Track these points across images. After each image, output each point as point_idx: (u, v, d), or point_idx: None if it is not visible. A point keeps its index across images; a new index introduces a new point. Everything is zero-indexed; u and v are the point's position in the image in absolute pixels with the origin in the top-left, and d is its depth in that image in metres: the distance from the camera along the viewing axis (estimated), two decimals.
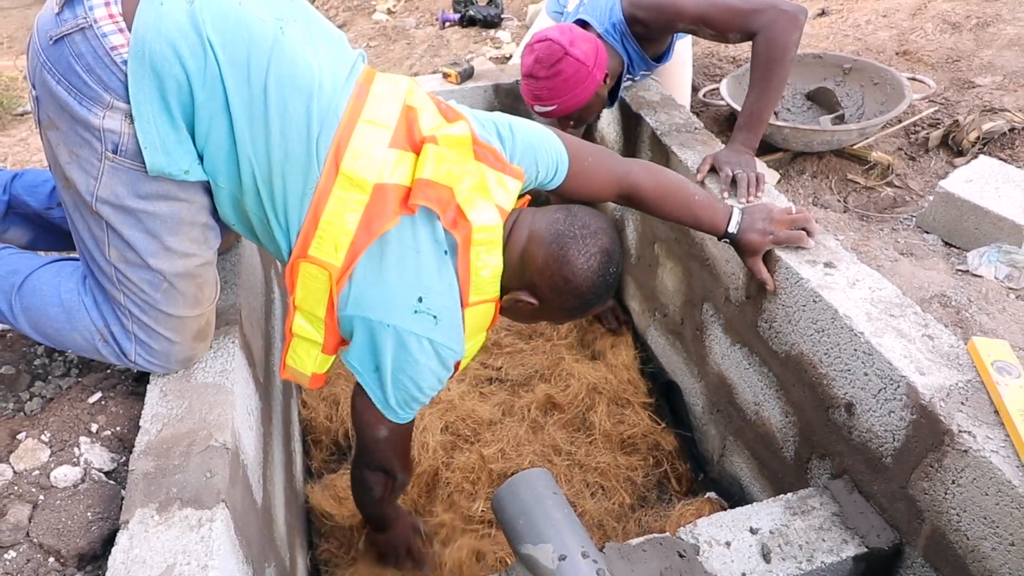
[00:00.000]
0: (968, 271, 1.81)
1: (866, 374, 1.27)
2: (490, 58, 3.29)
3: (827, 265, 1.41)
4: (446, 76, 2.50)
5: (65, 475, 1.13)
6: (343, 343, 1.25)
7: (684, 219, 1.49)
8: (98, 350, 1.24)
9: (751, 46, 1.70)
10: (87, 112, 1.04)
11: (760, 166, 1.82)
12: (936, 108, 2.50)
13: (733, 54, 3.05)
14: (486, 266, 1.22)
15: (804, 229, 1.46)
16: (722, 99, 2.49)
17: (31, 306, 1.23)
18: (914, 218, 2.12)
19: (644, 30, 1.87)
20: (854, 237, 2.00)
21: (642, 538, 1.23)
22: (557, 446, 1.95)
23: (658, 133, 1.94)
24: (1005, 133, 2.29)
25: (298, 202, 1.14)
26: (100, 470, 1.17)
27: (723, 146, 1.79)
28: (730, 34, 1.74)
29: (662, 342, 2.17)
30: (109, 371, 1.37)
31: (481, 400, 2.08)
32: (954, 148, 2.35)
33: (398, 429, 1.30)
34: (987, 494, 1.06)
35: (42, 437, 1.21)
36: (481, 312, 1.25)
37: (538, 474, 1.17)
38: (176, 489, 1.06)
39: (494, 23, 3.81)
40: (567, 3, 2.06)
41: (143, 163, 1.08)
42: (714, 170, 1.70)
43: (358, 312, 1.17)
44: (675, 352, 2.09)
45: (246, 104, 1.08)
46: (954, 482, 1.12)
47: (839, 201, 2.29)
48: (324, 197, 1.13)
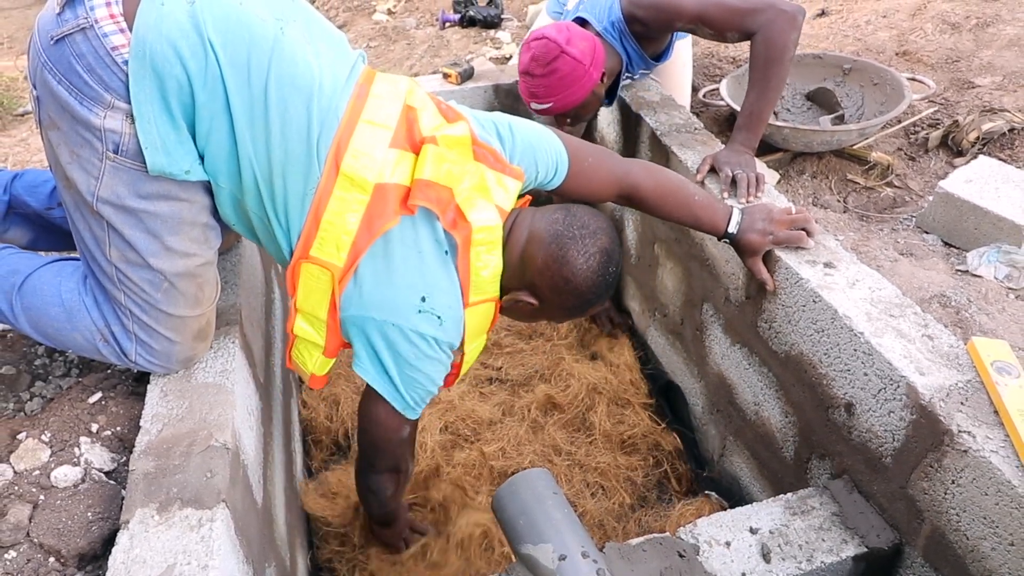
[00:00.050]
0: (968, 271, 1.81)
1: (866, 374, 1.27)
2: (490, 58, 3.29)
3: (827, 265, 1.41)
4: (446, 76, 2.51)
5: (65, 475, 1.13)
6: (344, 346, 1.26)
7: (684, 219, 1.49)
8: (99, 350, 1.24)
9: (750, 46, 1.70)
10: (88, 112, 1.05)
11: (760, 166, 1.82)
12: (936, 108, 2.51)
13: (733, 54, 3.05)
14: (486, 266, 1.22)
15: (804, 229, 1.46)
16: (722, 99, 2.50)
17: (32, 306, 1.23)
18: (914, 218, 2.12)
19: (643, 29, 1.87)
20: (854, 237, 2.00)
21: (642, 538, 1.23)
22: (557, 446, 1.95)
23: (658, 133, 1.94)
24: (1005, 133, 2.29)
25: (299, 202, 1.14)
26: (100, 470, 1.17)
27: (723, 146, 1.79)
28: (728, 33, 1.74)
29: (662, 342, 2.17)
30: (109, 371, 1.37)
31: (481, 400, 2.08)
32: (954, 148, 2.35)
33: (414, 424, 1.34)
34: (987, 494, 1.06)
35: (42, 437, 1.21)
36: (482, 312, 1.25)
37: (538, 474, 1.17)
38: (176, 489, 1.06)
39: (494, 23, 3.81)
40: (567, 2, 2.07)
41: (144, 163, 1.09)
42: (714, 170, 1.70)
43: (362, 312, 1.18)
44: (675, 352, 2.09)
45: (247, 104, 1.08)
46: (954, 482, 1.12)
47: (839, 201, 2.29)
48: (325, 197, 1.13)
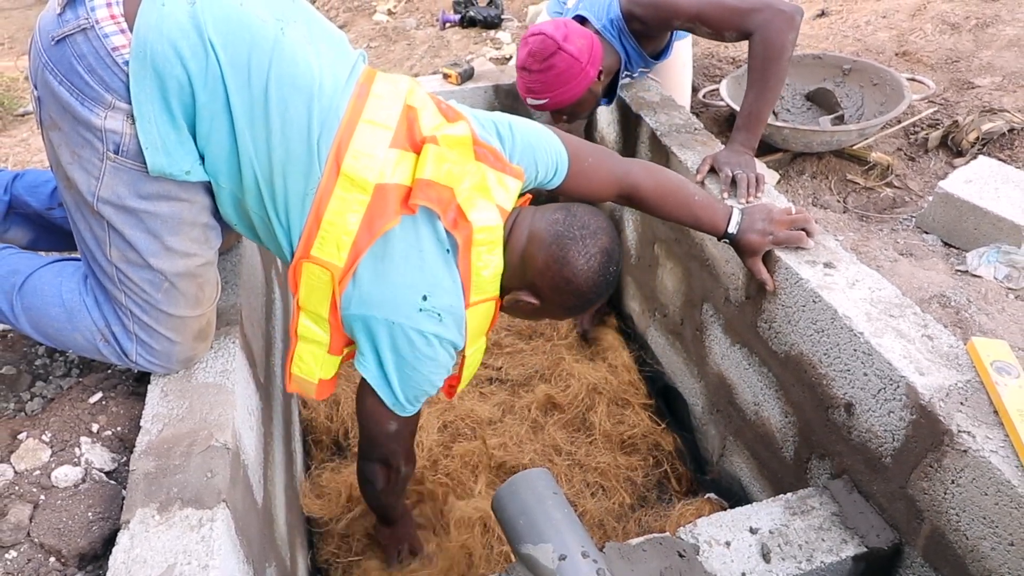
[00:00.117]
0: (967, 271, 1.81)
1: (866, 374, 1.27)
2: (490, 59, 3.29)
3: (827, 265, 1.41)
4: (446, 77, 2.51)
5: (66, 475, 1.14)
6: (349, 343, 1.26)
7: (684, 219, 1.49)
8: (99, 350, 1.24)
9: (748, 47, 1.71)
10: (89, 112, 1.05)
11: (760, 167, 1.82)
12: (935, 109, 2.51)
13: (733, 55, 3.05)
14: (487, 266, 1.22)
15: (804, 229, 1.46)
16: (722, 100, 2.50)
17: (32, 306, 1.23)
18: (913, 218, 2.13)
19: (642, 27, 1.88)
20: (854, 237, 2.00)
21: (642, 538, 1.23)
22: (557, 446, 1.95)
23: (658, 134, 1.94)
24: (1004, 134, 2.30)
25: (300, 202, 1.14)
26: (101, 470, 1.17)
27: (723, 147, 1.79)
28: (726, 33, 1.74)
29: (662, 342, 2.17)
30: (110, 371, 1.37)
31: (481, 400, 2.09)
32: (953, 149, 2.35)
33: (407, 422, 1.32)
34: (986, 494, 1.06)
35: (43, 437, 1.21)
36: (483, 311, 1.25)
37: (538, 474, 1.17)
38: (177, 489, 1.06)
39: (494, 24, 3.81)
40: (567, 0, 2.07)
41: (144, 163, 1.09)
42: (714, 171, 1.70)
43: (362, 311, 1.18)
44: (675, 352, 2.09)
45: (247, 105, 1.08)
46: (953, 482, 1.12)
47: (839, 201, 2.29)
48: (326, 197, 1.13)
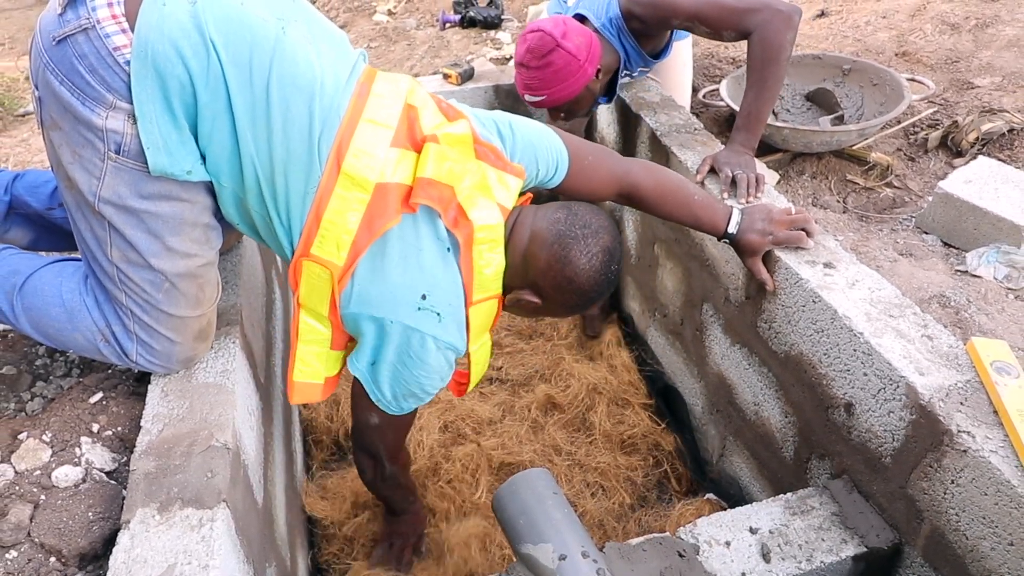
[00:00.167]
0: (967, 271, 1.81)
1: (865, 374, 1.27)
2: (490, 59, 3.29)
3: (826, 265, 1.41)
4: (447, 77, 2.51)
5: (66, 475, 1.14)
6: (350, 339, 1.25)
7: (684, 219, 1.49)
8: (99, 350, 1.24)
9: (747, 47, 1.71)
10: (90, 112, 1.05)
11: (760, 167, 1.82)
12: (935, 109, 2.51)
13: (733, 55, 3.05)
14: (489, 264, 1.22)
15: (803, 229, 1.46)
16: (722, 100, 2.50)
17: (32, 306, 1.24)
18: (913, 219, 2.13)
19: (641, 26, 1.88)
20: (853, 238, 2.00)
21: (642, 538, 1.23)
22: (557, 446, 1.95)
23: (658, 134, 1.94)
24: (1004, 134, 2.30)
25: (300, 201, 1.15)
26: (101, 470, 1.17)
27: (723, 147, 1.79)
28: (725, 32, 1.75)
29: (662, 342, 2.17)
30: (110, 371, 1.38)
31: (481, 400, 2.09)
32: (953, 149, 2.36)
33: (391, 420, 1.30)
34: (986, 494, 1.06)
35: (43, 437, 1.21)
36: (485, 309, 1.25)
37: (538, 474, 1.17)
38: (177, 489, 1.06)
39: (494, 24, 3.81)
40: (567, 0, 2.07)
41: (146, 163, 1.09)
42: (714, 171, 1.70)
43: (361, 310, 1.18)
44: (675, 352, 2.09)
45: (248, 104, 1.08)
46: (953, 482, 1.12)
47: (838, 202, 2.29)
48: (326, 196, 1.13)
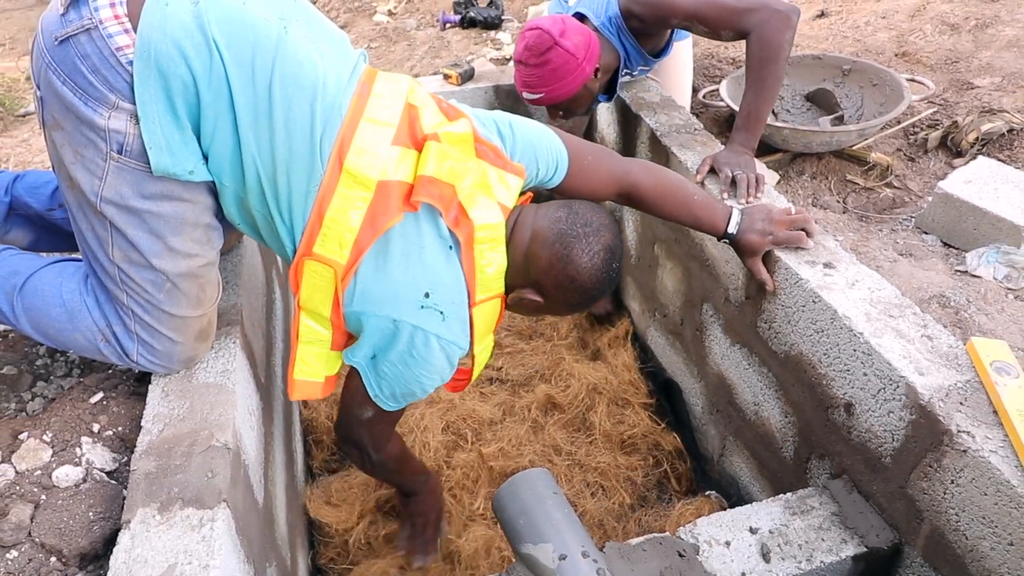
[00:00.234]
0: (967, 272, 1.82)
1: (865, 374, 1.27)
2: (490, 59, 3.29)
3: (826, 266, 1.41)
4: (447, 77, 2.51)
5: (67, 475, 1.14)
6: (350, 340, 1.26)
7: (683, 219, 1.49)
8: (100, 350, 1.24)
9: (745, 47, 1.71)
10: (92, 112, 1.05)
11: (760, 167, 1.82)
12: (935, 109, 2.51)
13: (733, 55, 3.06)
14: (491, 264, 1.22)
15: (803, 230, 1.46)
16: (722, 100, 2.50)
17: (33, 307, 1.24)
18: (913, 219, 2.13)
19: (640, 25, 1.88)
20: (853, 238, 2.00)
21: (642, 538, 1.23)
22: (557, 446, 1.95)
23: (658, 134, 1.94)
24: (1004, 134, 2.30)
25: (302, 200, 1.15)
26: (102, 470, 1.18)
27: (722, 147, 1.79)
28: (723, 32, 1.75)
29: (662, 342, 2.18)
30: (111, 371, 1.38)
31: (482, 400, 2.09)
32: (953, 149, 2.36)
33: (384, 415, 1.30)
34: (986, 494, 1.07)
35: (44, 437, 1.21)
36: (488, 309, 1.26)
37: (538, 474, 1.17)
38: (178, 489, 1.06)
39: (494, 25, 3.81)
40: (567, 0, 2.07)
41: (148, 163, 1.09)
42: (714, 171, 1.71)
43: (364, 308, 1.18)
44: (675, 352, 2.10)
45: (251, 103, 1.09)
46: (953, 482, 1.12)
47: (838, 202, 2.30)
48: (328, 195, 1.13)
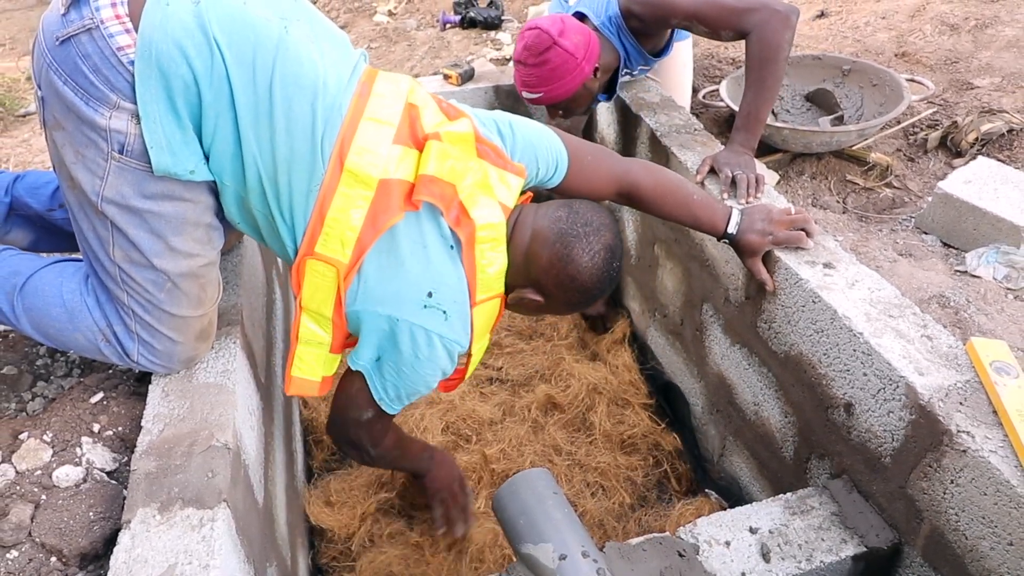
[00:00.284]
0: (967, 272, 1.82)
1: (865, 374, 1.27)
2: (491, 60, 3.29)
3: (826, 266, 1.42)
4: (447, 77, 2.51)
5: (67, 475, 1.14)
6: (350, 341, 1.26)
7: (683, 219, 1.49)
8: (100, 350, 1.25)
9: (745, 47, 1.71)
10: (93, 112, 1.05)
11: (759, 167, 1.82)
12: (935, 109, 2.51)
13: (733, 55, 3.06)
14: (491, 263, 1.23)
15: (803, 230, 1.46)
16: (722, 100, 2.50)
17: (33, 307, 1.24)
18: (913, 219, 2.13)
19: (640, 24, 1.88)
20: (853, 238, 2.00)
21: (642, 537, 1.23)
22: (557, 446, 1.95)
23: (658, 134, 1.94)
24: (1003, 134, 2.30)
25: (303, 200, 1.15)
26: (102, 470, 1.18)
27: (722, 147, 1.79)
28: (723, 32, 1.75)
29: (662, 342, 2.18)
30: (111, 371, 1.38)
31: (482, 400, 2.09)
32: (953, 149, 2.36)
33: (383, 416, 1.31)
34: (985, 494, 1.07)
35: (44, 437, 1.21)
36: (488, 309, 1.26)
37: (538, 474, 1.17)
38: (178, 489, 1.06)
39: (495, 25, 3.81)
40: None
41: (149, 163, 1.09)
42: (713, 171, 1.71)
43: (367, 307, 1.18)
44: (675, 352, 2.10)
45: (252, 103, 1.09)
46: (953, 482, 1.12)
47: (838, 202, 2.30)
48: (329, 194, 1.14)
